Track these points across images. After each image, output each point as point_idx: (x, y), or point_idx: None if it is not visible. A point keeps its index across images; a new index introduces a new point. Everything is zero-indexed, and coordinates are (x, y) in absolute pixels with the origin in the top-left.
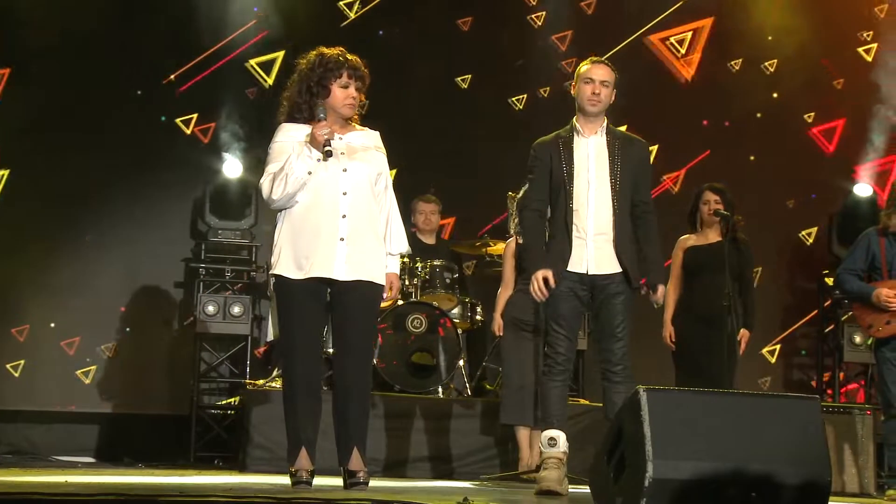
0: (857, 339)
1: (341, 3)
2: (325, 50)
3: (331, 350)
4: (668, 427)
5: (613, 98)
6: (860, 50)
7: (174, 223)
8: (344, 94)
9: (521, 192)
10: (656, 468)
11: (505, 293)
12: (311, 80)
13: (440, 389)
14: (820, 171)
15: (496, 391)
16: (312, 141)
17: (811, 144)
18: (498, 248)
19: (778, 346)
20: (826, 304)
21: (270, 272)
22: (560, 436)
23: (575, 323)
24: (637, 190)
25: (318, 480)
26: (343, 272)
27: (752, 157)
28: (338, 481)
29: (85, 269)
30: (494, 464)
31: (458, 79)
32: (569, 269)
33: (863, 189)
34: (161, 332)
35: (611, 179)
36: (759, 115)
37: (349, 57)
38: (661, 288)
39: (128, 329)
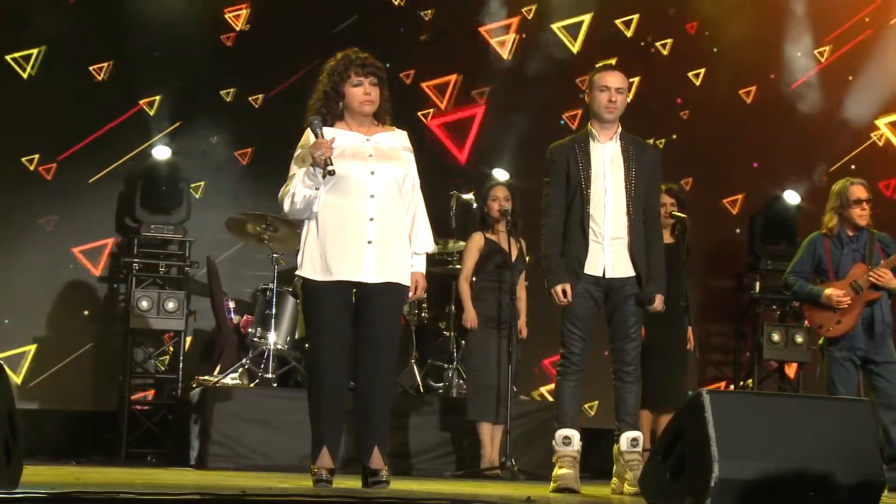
0: (776, 336)
1: None
2: (338, 54)
3: None
4: (731, 428)
5: (627, 103)
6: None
7: (97, 216)
8: (358, 93)
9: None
10: (722, 468)
11: (465, 285)
12: (327, 88)
13: None
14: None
15: (444, 388)
16: (313, 160)
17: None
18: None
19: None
20: (745, 301)
21: (297, 273)
22: (574, 434)
23: (590, 323)
24: (648, 195)
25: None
26: (371, 275)
27: None
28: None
29: (4, 262)
30: (451, 460)
31: None
32: (585, 271)
33: (792, 196)
34: (85, 328)
35: (626, 185)
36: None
37: (357, 55)
38: (658, 298)
39: (49, 324)
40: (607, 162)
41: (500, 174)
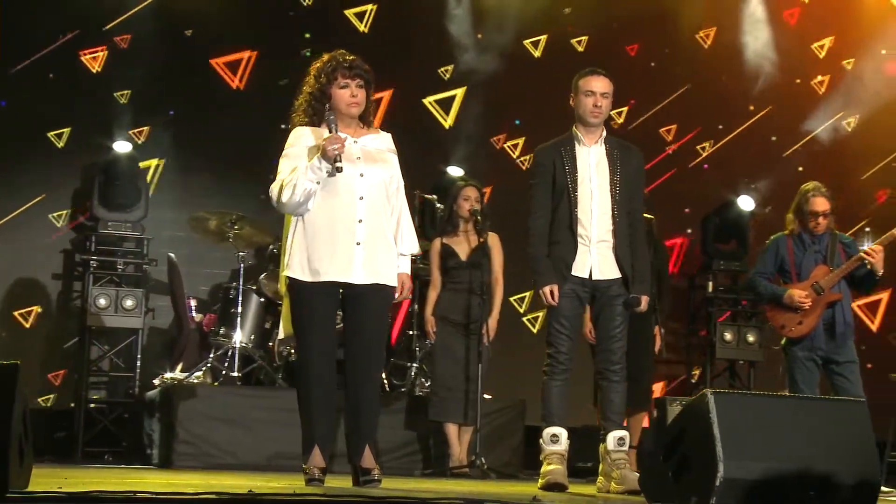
0: (728, 336)
1: None
2: (325, 56)
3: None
4: (735, 429)
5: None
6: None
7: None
8: (344, 95)
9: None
10: (727, 468)
11: (433, 293)
12: (314, 89)
13: None
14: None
15: (407, 387)
16: (323, 153)
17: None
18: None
19: None
20: (697, 301)
21: (284, 273)
22: (562, 433)
23: (576, 323)
24: (632, 198)
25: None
26: (359, 276)
27: None
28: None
29: None
30: (418, 459)
31: None
32: (572, 273)
33: (746, 202)
34: (38, 325)
35: (611, 188)
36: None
37: (346, 58)
38: (644, 299)
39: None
40: (593, 165)
41: (455, 171)
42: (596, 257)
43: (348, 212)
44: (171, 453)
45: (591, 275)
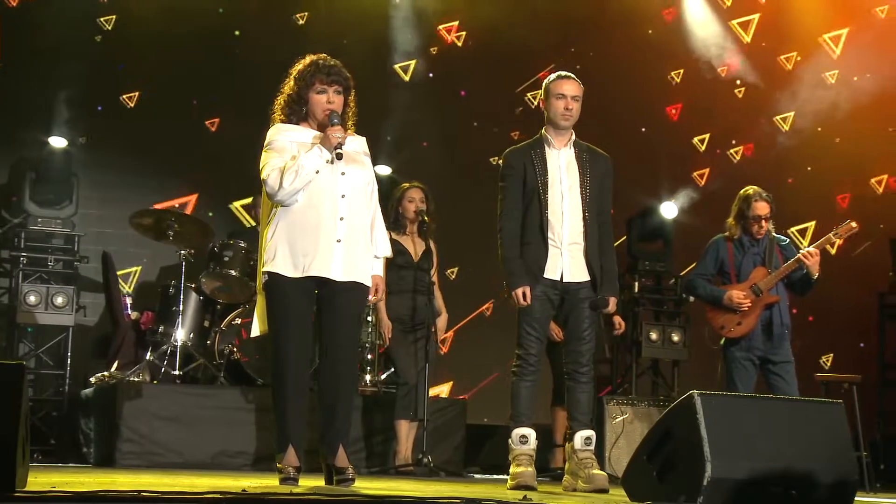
0: (654, 335)
1: None
2: (308, 58)
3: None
4: (721, 429)
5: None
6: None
7: None
8: (321, 101)
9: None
10: (714, 468)
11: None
12: (293, 91)
13: None
14: None
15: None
16: (324, 141)
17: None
18: None
19: None
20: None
21: (264, 269)
22: (531, 433)
23: (546, 325)
24: (602, 200)
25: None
26: (339, 273)
27: None
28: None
29: None
30: (361, 456)
31: None
32: (545, 275)
33: (668, 209)
34: None
35: (581, 191)
36: None
37: (325, 63)
38: (612, 300)
39: None
40: (563, 168)
41: (384, 170)
42: (567, 260)
43: (330, 209)
44: (113, 452)
45: (562, 277)
